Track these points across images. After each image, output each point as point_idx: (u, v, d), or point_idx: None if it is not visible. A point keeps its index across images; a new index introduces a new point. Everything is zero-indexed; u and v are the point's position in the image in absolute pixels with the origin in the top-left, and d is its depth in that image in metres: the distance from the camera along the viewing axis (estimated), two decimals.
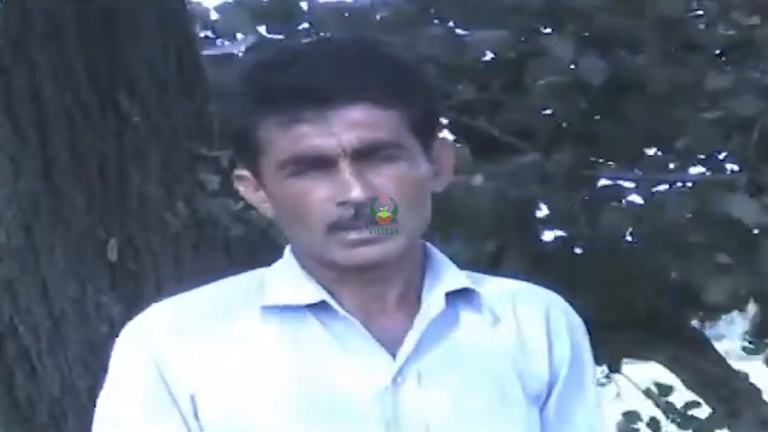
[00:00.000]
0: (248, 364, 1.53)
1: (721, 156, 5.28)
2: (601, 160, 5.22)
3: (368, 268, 1.52)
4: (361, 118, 1.48)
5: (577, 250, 5.23)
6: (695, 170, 5.38)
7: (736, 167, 5.16)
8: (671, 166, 5.33)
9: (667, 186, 5.23)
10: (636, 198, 5.22)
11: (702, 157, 5.29)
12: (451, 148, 1.61)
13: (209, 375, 1.53)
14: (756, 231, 4.58)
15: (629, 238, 5.14)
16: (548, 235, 5.37)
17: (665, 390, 6.19)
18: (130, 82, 3.25)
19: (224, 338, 1.54)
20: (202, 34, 4.96)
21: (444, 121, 4.61)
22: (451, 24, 5.10)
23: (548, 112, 4.92)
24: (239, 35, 5.13)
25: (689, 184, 5.11)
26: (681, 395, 6.18)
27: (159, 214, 3.21)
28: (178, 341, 1.54)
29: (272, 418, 1.51)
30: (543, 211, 5.21)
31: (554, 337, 1.62)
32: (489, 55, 4.93)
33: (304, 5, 5.11)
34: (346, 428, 1.51)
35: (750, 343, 6.40)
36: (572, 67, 4.52)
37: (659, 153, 5.38)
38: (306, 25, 5.08)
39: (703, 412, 5.91)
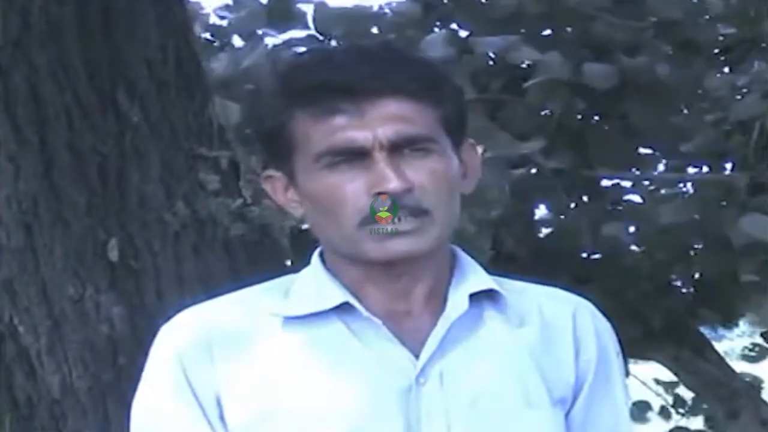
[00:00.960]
0: (271, 371, 1.54)
1: (721, 156, 5.28)
2: (600, 162, 5.22)
3: (398, 261, 1.53)
4: (396, 112, 1.50)
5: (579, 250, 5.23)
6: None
7: (735, 167, 5.16)
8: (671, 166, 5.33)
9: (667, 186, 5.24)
10: (635, 198, 5.23)
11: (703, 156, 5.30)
12: (478, 152, 1.62)
13: (234, 382, 1.54)
14: None
15: (631, 239, 5.15)
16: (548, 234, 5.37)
17: (670, 386, 6.22)
18: (130, 82, 3.25)
19: (248, 346, 1.55)
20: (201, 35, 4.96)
21: None
22: (453, 26, 5.11)
23: (547, 112, 4.93)
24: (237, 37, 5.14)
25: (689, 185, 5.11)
26: (683, 393, 6.20)
27: (159, 214, 3.21)
28: (204, 349, 1.56)
29: (294, 421, 1.52)
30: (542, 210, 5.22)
31: (581, 341, 1.62)
32: (491, 56, 4.94)
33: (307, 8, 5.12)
34: (368, 428, 1.52)
35: (751, 350, 6.41)
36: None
37: (659, 154, 5.39)
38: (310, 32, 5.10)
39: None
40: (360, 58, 1.51)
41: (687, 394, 6.25)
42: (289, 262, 3.39)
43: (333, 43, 4.92)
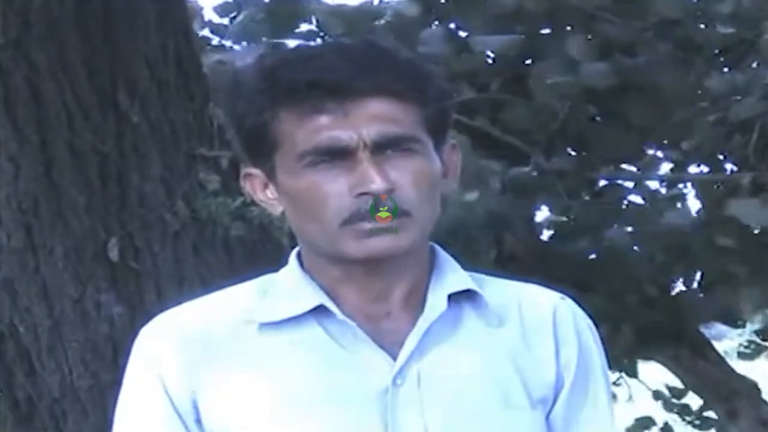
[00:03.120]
0: (248, 374, 1.54)
1: (722, 156, 5.28)
2: (601, 162, 5.22)
3: (379, 259, 1.52)
4: (381, 111, 1.50)
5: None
6: (695, 170, 5.38)
7: (736, 167, 5.16)
8: (672, 166, 5.33)
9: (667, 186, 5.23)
10: (637, 198, 5.23)
11: (703, 156, 5.30)
12: (459, 152, 1.62)
13: (211, 386, 1.54)
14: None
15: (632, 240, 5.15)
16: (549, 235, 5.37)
17: (678, 393, 6.17)
18: (130, 82, 3.25)
19: (225, 350, 1.55)
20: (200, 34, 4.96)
21: None
22: (452, 26, 5.11)
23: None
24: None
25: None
26: (692, 397, 6.16)
27: (159, 214, 3.21)
28: (181, 353, 1.56)
29: (272, 425, 1.51)
30: (544, 212, 5.22)
31: (561, 339, 1.60)
32: (490, 56, 4.94)
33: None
34: (345, 430, 1.51)
35: (746, 347, 6.40)
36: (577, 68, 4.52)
37: (660, 154, 5.39)
38: (311, 27, 5.10)
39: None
40: (345, 58, 1.51)
41: (693, 404, 6.21)
42: None
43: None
